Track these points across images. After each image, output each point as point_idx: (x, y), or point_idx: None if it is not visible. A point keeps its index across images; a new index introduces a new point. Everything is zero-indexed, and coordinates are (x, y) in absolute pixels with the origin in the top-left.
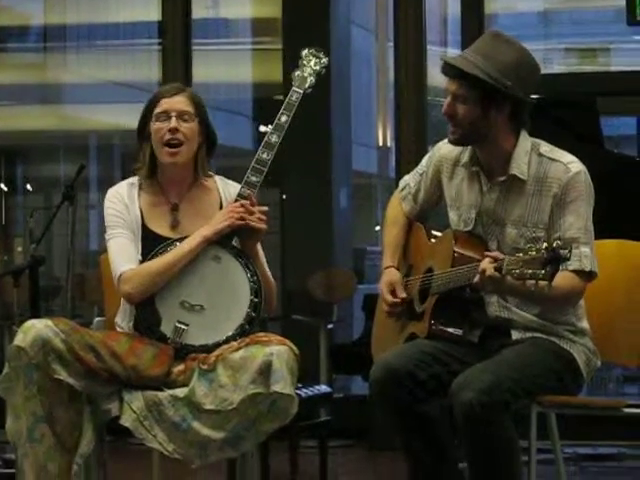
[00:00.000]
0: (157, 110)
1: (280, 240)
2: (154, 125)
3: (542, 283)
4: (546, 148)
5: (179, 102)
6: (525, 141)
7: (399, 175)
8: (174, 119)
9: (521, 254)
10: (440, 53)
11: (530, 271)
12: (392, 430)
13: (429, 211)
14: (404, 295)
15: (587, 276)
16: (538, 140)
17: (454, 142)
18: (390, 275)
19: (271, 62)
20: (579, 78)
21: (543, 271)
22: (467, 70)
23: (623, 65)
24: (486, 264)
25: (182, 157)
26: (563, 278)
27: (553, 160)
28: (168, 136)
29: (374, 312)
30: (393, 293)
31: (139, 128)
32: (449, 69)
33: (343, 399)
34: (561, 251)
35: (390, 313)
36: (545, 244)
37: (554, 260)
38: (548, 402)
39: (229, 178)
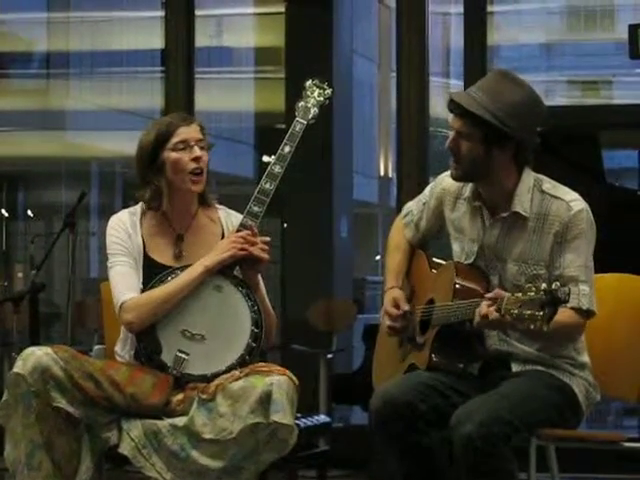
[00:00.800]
0: (175, 140)
1: (280, 269)
2: (172, 155)
3: (540, 324)
4: (548, 185)
5: (195, 131)
6: (528, 178)
7: (400, 205)
8: (196, 148)
9: (520, 294)
10: (442, 84)
11: (528, 312)
12: (391, 461)
13: (430, 239)
14: (407, 308)
15: (585, 314)
16: (541, 176)
17: (456, 178)
18: (393, 293)
19: (274, 91)
20: (581, 110)
21: (541, 313)
22: (472, 110)
23: (625, 98)
24: (485, 308)
25: (203, 185)
26: (561, 315)
27: (555, 198)
28: (193, 165)
29: (374, 342)
30: (397, 307)
31: (149, 159)
32: (455, 106)
33: (342, 429)
34: (560, 294)
35: (392, 329)
36: (544, 285)
37: (552, 302)
38: (547, 435)
39: (230, 206)
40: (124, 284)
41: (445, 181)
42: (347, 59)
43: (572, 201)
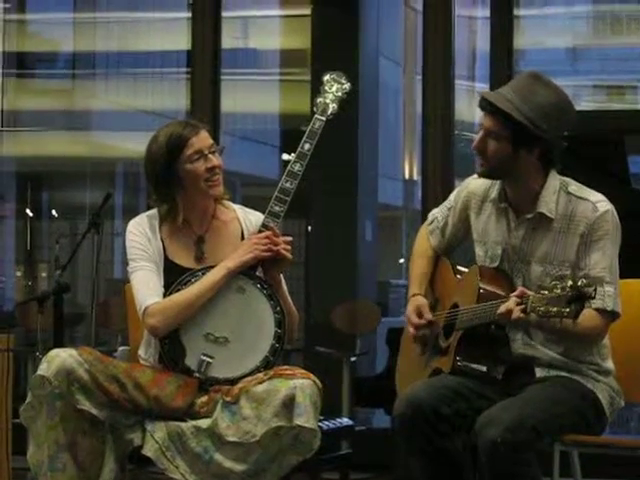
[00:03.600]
0: (188, 152)
1: (304, 272)
2: (188, 167)
3: (567, 321)
4: (574, 187)
5: (206, 138)
6: (554, 180)
7: (425, 208)
8: (210, 156)
9: (546, 292)
10: (468, 87)
11: (555, 309)
12: (414, 464)
13: (456, 245)
14: (430, 317)
15: (610, 316)
16: (567, 179)
17: (482, 174)
18: (417, 301)
19: (299, 93)
20: (607, 115)
21: (568, 309)
22: (504, 109)
23: None
24: (512, 305)
25: (221, 187)
26: (585, 317)
27: (581, 199)
28: (208, 174)
29: (397, 345)
30: (420, 315)
31: (163, 174)
32: (486, 104)
33: (365, 432)
34: (586, 289)
35: (416, 337)
36: (570, 282)
37: (579, 298)
38: (571, 441)
39: (256, 208)
40: (147, 289)
41: (472, 184)
42: (373, 61)
43: (598, 202)
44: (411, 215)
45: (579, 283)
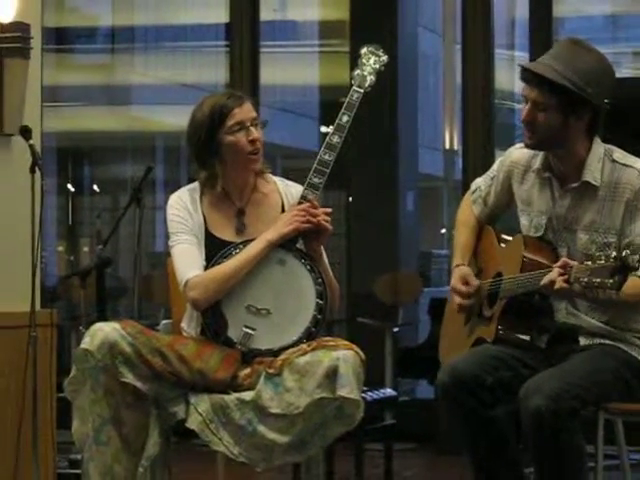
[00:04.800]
0: (230, 122)
1: (346, 243)
2: (229, 138)
3: (610, 292)
4: (619, 154)
5: (249, 110)
6: (598, 147)
7: (466, 178)
8: (252, 129)
9: (589, 262)
10: (508, 56)
11: (598, 280)
12: (458, 434)
13: (499, 214)
14: (477, 283)
15: None
16: (611, 146)
17: (531, 147)
18: (462, 270)
19: (338, 65)
20: None
21: (611, 280)
22: (552, 78)
23: None
24: (555, 275)
25: (261, 163)
26: (629, 285)
27: (626, 166)
28: (250, 147)
29: (440, 316)
30: (465, 284)
31: (205, 141)
32: (530, 76)
33: (408, 402)
34: (630, 260)
35: (462, 306)
36: (614, 252)
37: (622, 269)
38: (615, 409)
39: (296, 180)
40: (187, 262)
41: (514, 154)
42: (412, 32)
43: None
44: (452, 185)
45: (623, 254)
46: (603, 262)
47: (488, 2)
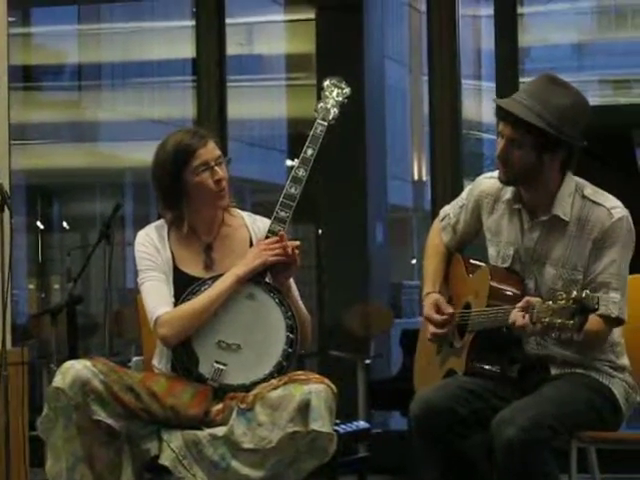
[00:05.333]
0: (195, 163)
1: (316, 275)
2: (195, 179)
3: (571, 332)
4: (590, 190)
5: (213, 149)
6: (570, 182)
7: (435, 208)
8: (217, 169)
9: (551, 302)
10: (474, 87)
11: (559, 320)
12: (431, 466)
13: (468, 242)
14: (450, 310)
15: (614, 322)
16: (582, 181)
17: (505, 182)
18: (433, 297)
19: (306, 98)
20: (613, 110)
21: (572, 321)
22: (526, 118)
23: None
24: (516, 316)
25: (227, 199)
26: (590, 322)
27: (597, 204)
28: (216, 188)
29: (412, 347)
30: (439, 311)
31: (169, 183)
32: (506, 114)
33: (382, 435)
34: (589, 300)
35: (436, 335)
36: (575, 293)
37: (582, 311)
38: (588, 438)
39: (265, 214)
40: (157, 299)
41: (484, 184)
42: (379, 64)
43: (613, 208)
44: (421, 216)
45: (583, 294)
46: (563, 303)
47: (453, 33)
